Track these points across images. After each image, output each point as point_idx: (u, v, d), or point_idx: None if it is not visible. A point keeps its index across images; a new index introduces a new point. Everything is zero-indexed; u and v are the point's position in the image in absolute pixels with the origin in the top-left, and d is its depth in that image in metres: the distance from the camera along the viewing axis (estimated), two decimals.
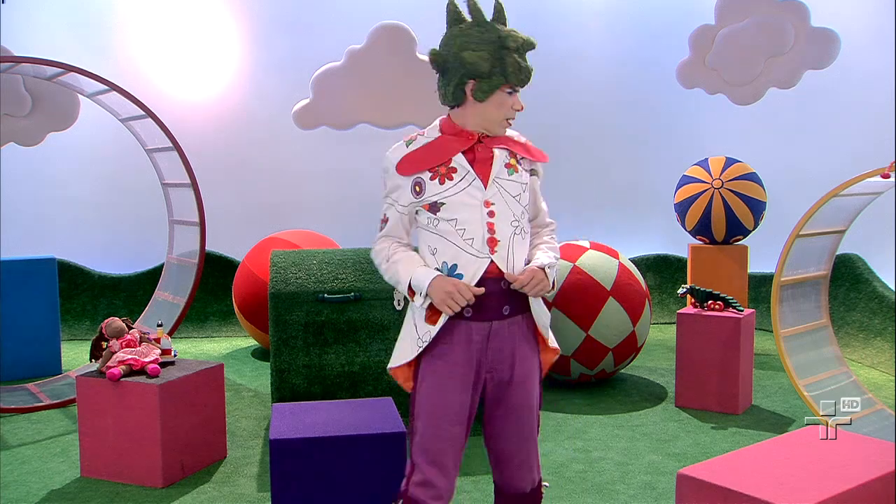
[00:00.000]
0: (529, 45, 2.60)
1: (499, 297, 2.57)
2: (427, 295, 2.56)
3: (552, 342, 2.75)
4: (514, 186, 2.60)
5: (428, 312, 2.63)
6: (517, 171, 2.63)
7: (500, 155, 2.60)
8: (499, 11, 2.61)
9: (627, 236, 8.64)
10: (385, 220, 2.67)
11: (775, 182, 7.28)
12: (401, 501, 2.62)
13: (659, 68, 8.31)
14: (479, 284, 2.53)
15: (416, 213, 2.61)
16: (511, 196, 2.58)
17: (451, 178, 2.55)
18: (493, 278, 2.55)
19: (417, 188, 2.57)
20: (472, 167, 2.56)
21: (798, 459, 2.75)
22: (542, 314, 2.68)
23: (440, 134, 2.64)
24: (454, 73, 2.59)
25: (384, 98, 6.91)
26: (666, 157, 8.66)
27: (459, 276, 2.54)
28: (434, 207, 2.55)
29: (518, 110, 2.61)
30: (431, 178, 2.55)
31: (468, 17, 2.60)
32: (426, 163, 2.57)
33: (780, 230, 5.37)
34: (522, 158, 2.66)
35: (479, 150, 2.59)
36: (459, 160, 2.57)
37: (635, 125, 8.90)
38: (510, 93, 2.58)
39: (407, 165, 2.58)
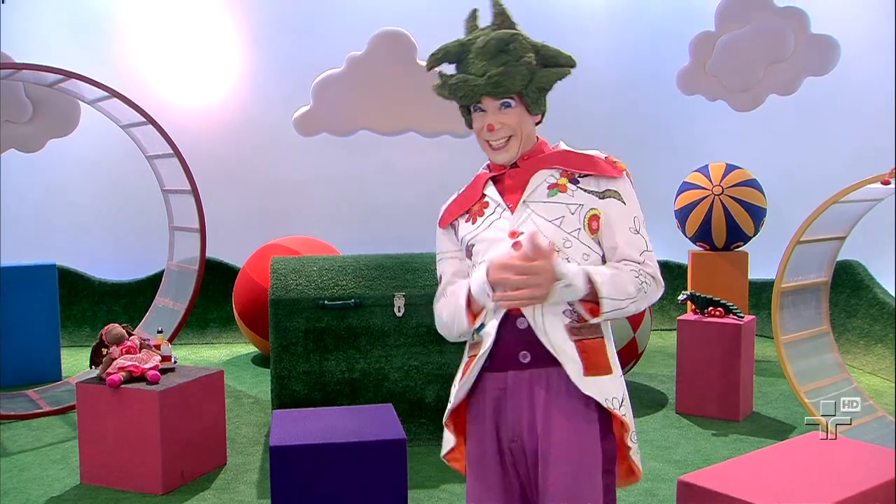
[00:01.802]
0: (483, 48, 2.07)
1: (516, 339, 2.03)
2: (491, 288, 2.01)
3: (619, 410, 2.02)
4: (555, 209, 2.05)
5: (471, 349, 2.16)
6: (565, 192, 2.08)
7: (541, 175, 2.11)
8: (496, 14, 2.16)
9: None
10: (440, 280, 2.31)
11: (775, 188, 7.29)
12: None
13: (659, 75, 8.31)
14: (499, 327, 2.04)
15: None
16: (547, 220, 2.04)
17: (482, 215, 2.15)
18: (514, 316, 2.04)
19: (455, 234, 2.24)
20: (504, 196, 2.13)
21: (799, 466, 2.75)
22: (572, 360, 1.99)
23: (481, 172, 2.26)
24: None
25: (385, 105, 6.91)
26: (666, 163, 8.65)
27: (482, 328, 2.10)
28: (469, 251, 2.17)
29: (490, 131, 2.10)
30: (466, 220, 2.20)
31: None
32: (462, 206, 2.22)
33: (781, 236, 5.37)
34: (584, 176, 2.11)
35: (511, 176, 2.15)
36: (490, 192, 2.16)
37: (635, 131, 8.90)
38: (481, 111, 2.12)
39: (446, 216, 2.28)
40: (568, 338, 2.00)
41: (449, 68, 2.18)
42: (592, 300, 1.99)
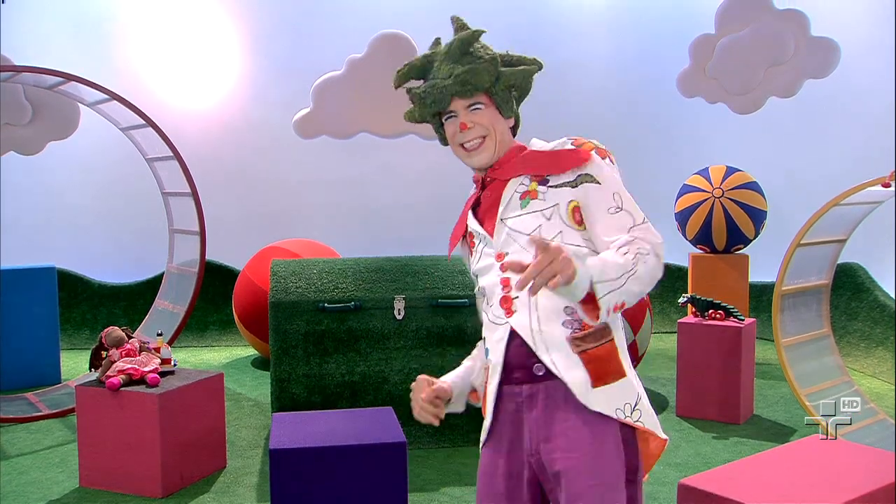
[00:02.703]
0: (448, 53, 2.07)
1: (527, 352, 1.94)
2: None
3: (631, 417, 1.94)
4: (530, 220, 1.96)
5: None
6: (536, 197, 1.98)
7: (511, 186, 2.02)
8: (457, 28, 2.13)
9: None
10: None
11: (776, 191, 7.29)
12: None
13: (659, 77, 8.32)
14: (504, 358, 2.00)
15: None
16: (526, 235, 1.95)
17: (473, 246, 2.10)
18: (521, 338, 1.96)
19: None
20: (483, 223, 2.06)
21: (800, 469, 2.74)
22: (577, 375, 1.90)
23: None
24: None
25: (385, 107, 6.90)
26: (666, 166, 8.66)
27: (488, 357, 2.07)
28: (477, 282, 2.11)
29: (463, 130, 2.04)
30: (469, 255, 2.15)
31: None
32: (457, 236, 2.18)
33: (781, 239, 5.37)
34: (552, 175, 2.00)
35: (485, 198, 2.08)
36: (471, 223, 2.09)
37: (635, 134, 8.90)
38: (449, 118, 2.08)
39: (452, 242, 2.21)
40: (571, 351, 1.90)
41: (416, 84, 2.13)
42: (589, 300, 1.82)
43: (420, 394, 2.16)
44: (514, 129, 2.14)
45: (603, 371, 1.91)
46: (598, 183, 1.99)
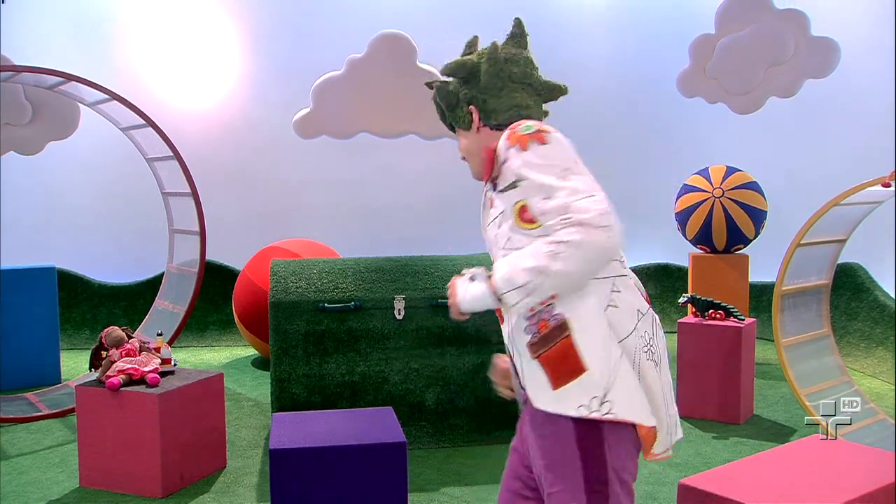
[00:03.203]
0: (445, 75, 2.22)
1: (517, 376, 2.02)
2: None
3: (599, 411, 1.89)
4: (491, 230, 2.04)
5: None
6: (492, 205, 2.04)
7: (483, 197, 2.12)
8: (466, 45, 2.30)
9: (628, 245, 8.61)
10: None
11: (776, 191, 7.29)
12: None
13: (659, 77, 8.32)
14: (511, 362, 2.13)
15: None
16: (495, 244, 2.03)
17: None
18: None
19: None
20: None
21: (800, 469, 2.74)
22: (538, 380, 1.94)
23: None
24: None
25: (385, 107, 6.91)
26: (666, 166, 8.66)
27: None
28: None
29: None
30: None
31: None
32: None
33: (781, 239, 5.37)
34: (498, 176, 2.04)
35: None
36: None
37: (635, 134, 8.91)
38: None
39: None
40: (530, 357, 1.95)
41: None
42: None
43: (494, 372, 2.32)
44: (508, 116, 2.16)
45: (559, 372, 1.90)
46: (527, 178, 1.94)
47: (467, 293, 1.97)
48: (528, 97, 2.23)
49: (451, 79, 2.20)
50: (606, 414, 1.88)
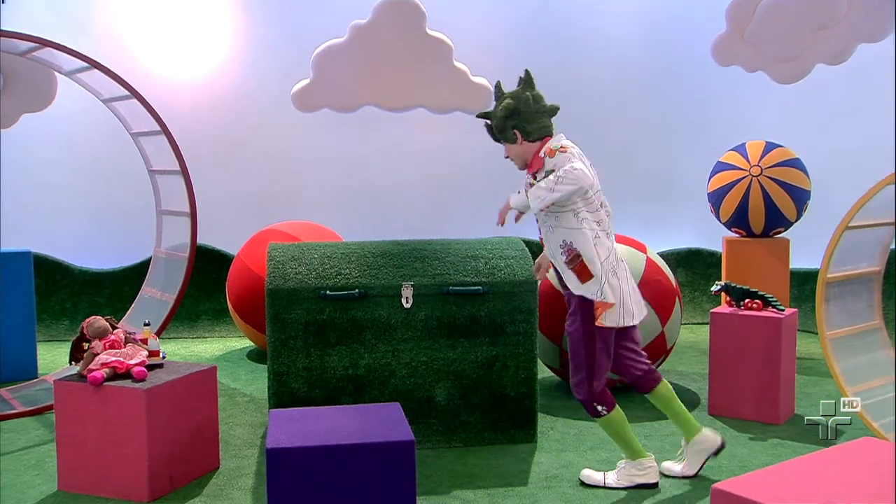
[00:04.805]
0: (500, 114, 4.21)
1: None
2: None
3: (598, 297, 4.00)
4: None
5: None
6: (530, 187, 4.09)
7: (525, 185, 4.22)
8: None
9: (656, 229, 8.62)
10: None
11: (821, 168, 7.24)
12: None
13: (692, 44, 8.27)
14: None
15: None
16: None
17: None
18: None
19: None
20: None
21: (847, 476, 2.73)
22: (573, 280, 4.04)
23: None
24: None
25: (391, 78, 6.90)
26: (699, 141, 8.62)
27: None
28: None
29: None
30: None
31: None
32: None
33: (827, 222, 5.33)
34: (536, 174, 4.16)
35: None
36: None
37: (665, 107, 8.87)
38: None
39: None
40: (567, 268, 4.04)
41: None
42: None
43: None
44: (539, 134, 4.19)
45: (582, 276, 4.01)
46: (548, 176, 3.97)
47: (514, 198, 4.11)
48: (546, 119, 4.20)
49: (500, 114, 4.18)
50: (602, 298, 3.99)
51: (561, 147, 4.03)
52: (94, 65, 5.69)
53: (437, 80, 6.87)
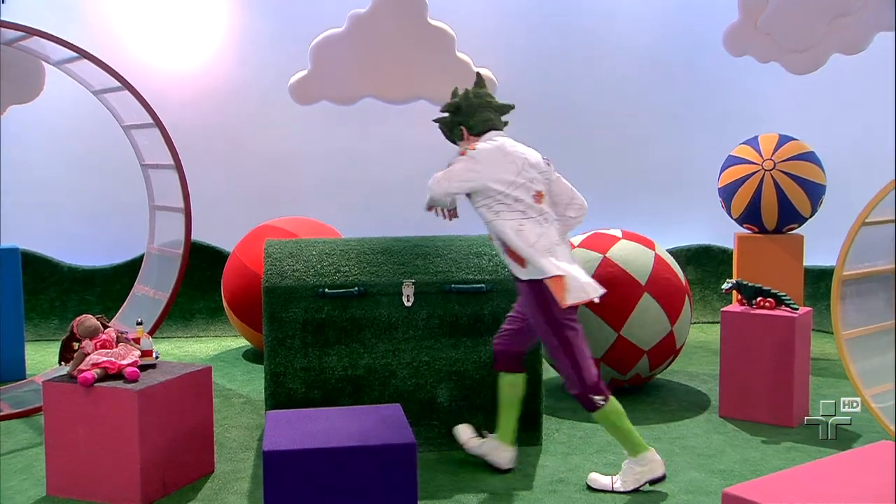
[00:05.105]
0: (444, 111, 4.54)
1: None
2: None
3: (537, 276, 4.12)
4: None
5: None
6: None
7: None
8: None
9: (665, 224, 8.61)
10: None
11: (837, 162, 7.22)
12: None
13: (702, 33, 8.26)
14: None
15: None
16: None
17: None
18: None
19: None
20: None
21: (863, 481, 2.73)
22: (513, 265, 4.22)
23: None
24: None
25: (392, 69, 6.90)
26: (709, 134, 8.61)
27: None
28: None
29: None
30: None
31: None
32: None
33: (843, 217, 5.32)
34: None
35: None
36: None
37: (674, 98, 8.85)
38: None
39: None
40: (505, 257, 4.23)
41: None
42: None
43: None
44: (482, 127, 4.38)
45: (517, 261, 4.14)
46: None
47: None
48: (489, 113, 4.40)
49: (447, 114, 4.46)
50: (545, 273, 4.04)
51: (471, 147, 4.26)
52: (84, 54, 5.69)
53: (439, 72, 6.86)
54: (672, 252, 7.36)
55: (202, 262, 8.20)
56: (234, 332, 7.88)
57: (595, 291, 4.12)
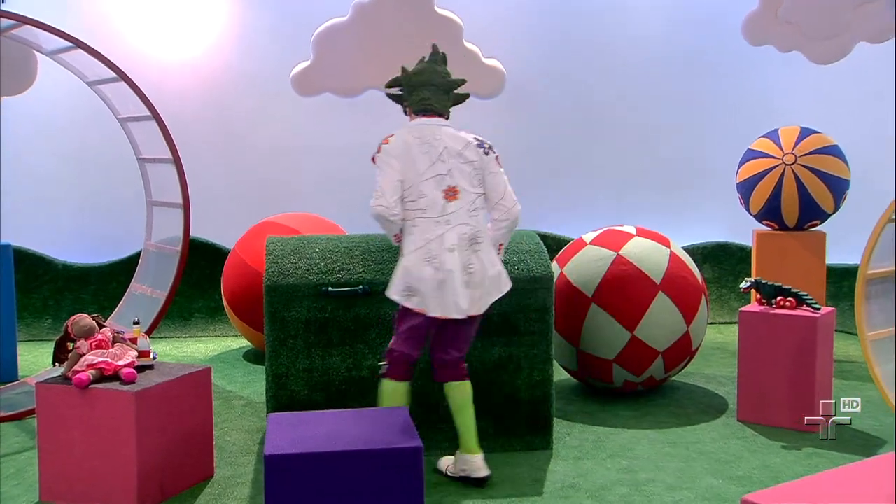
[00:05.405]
0: (388, 87, 4.63)
1: None
2: None
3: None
4: None
5: None
6: None
7: None
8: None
9: (680, 221, 8.60)
10: None
11: (861, 156, 7.20)
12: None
13: (721, 21, 8.24)
14: None
15: None
16: None
17: None
18: None
19: None
20: None
21: (890, 489, 2.71)
22: None
23: None
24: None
25: (397, 60, 6.84)
26: (727, 127, 8.59)
27: None
28: None
29: None
30: None
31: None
32: None
33: (867, 213, 5.31)
34: None
35: None
36: None
37: (691, 89, 8.83)
38: None
39: None
40: None
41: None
42: None
43: None
44: (417, 107, 4.43)
45: None
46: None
47: None
48: (429, 94, 4.36)
49: (395, 89, 4.50)
50: (389, 291, 4.23)
51: (384, 140, 4.43)
52: (78, 44, 5.69)
53: (448, 62, 6.86)
54: (688, 249, 7.35)
55: (201, 260, 8.21)
56: (234, 331, 7.89)
57: (458, 313, 4.12)
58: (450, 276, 4.08)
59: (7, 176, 8.16)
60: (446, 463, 4.51)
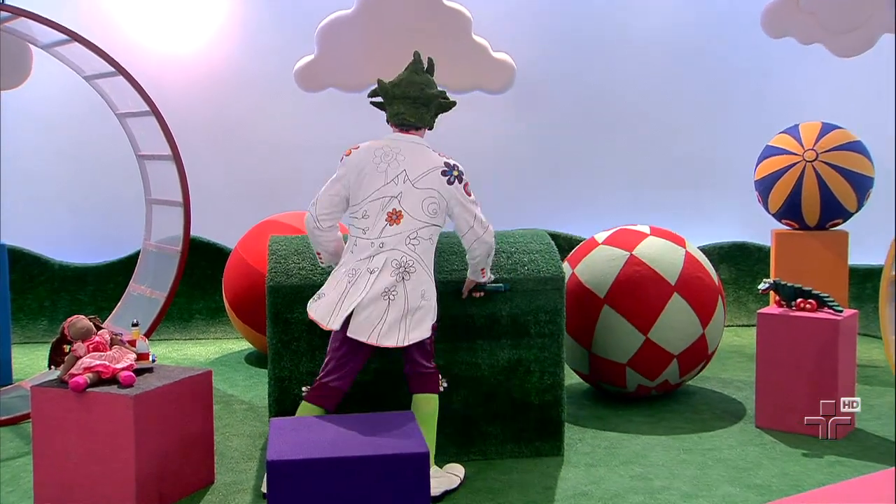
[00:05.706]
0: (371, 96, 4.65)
1: None
2: None
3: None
4: None
5: None
6: None
7: None
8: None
9: (696, 220, 8.58)
10: None
11: (886, 153, 7.18)
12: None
13: (739, 12, 8.23)
14: None
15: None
16: None
17: None
18: None
19: None
20: None
21: None
22: None
23: None
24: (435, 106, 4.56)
25: (403, 54, 6.86)
26: (746, 122, 8.58)
27: None
28: None
29: None
30: None
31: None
32: None
33: (891, 212, 5.30)
34: None
35: None
36: None
37: (708, 84, 8.82)
38: None
39: None
40: None
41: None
42: None
43: None
44: (393, 121, 4.56)
45: None
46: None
47: None
48: (404, 108, 4.41)
49: (377, 98, 4.54)
50: (308, 309, 4.30)
51: (348, 151, 4.48)
52: (75, 37, 5.71)
53: (455, 57, 6.87)
54: (704, 249, 7.35)
55: (202, 260, 8.22)
56: (235, 334, 7.90)
57: (331, 321, 4.14)
58: (353, 292, 4.12)
59: (2, 173, 8.19)
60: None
